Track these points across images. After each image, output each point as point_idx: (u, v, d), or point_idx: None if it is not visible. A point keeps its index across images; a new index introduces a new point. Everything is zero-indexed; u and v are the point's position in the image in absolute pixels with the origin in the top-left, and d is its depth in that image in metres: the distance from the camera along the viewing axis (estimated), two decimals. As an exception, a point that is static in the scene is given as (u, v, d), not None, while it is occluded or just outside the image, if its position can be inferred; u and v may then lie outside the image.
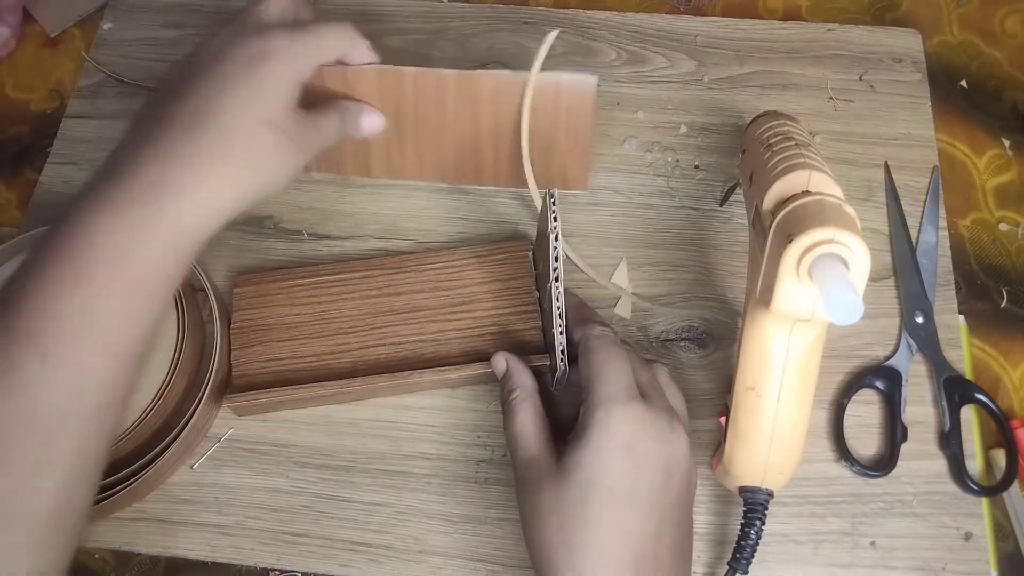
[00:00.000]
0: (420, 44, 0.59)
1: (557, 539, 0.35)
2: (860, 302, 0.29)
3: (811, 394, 0.38)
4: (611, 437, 0.36)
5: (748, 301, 0.38)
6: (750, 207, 0.40)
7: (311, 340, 0.47)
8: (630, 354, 0.41)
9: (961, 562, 0.43)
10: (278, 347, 0.47)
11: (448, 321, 0.48)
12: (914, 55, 0.58)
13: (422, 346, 0.47)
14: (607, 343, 0.40)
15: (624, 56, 0.58)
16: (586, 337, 0.41)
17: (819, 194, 0.35)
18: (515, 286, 0.48)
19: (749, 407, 0.38)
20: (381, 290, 0.49)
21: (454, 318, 0.48)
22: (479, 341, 0.47)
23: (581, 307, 0.45)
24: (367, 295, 0.49)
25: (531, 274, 0.49)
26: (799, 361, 0.37)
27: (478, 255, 0.49)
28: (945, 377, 0.47)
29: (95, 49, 0.60)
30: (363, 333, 0.48)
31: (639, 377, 0.39)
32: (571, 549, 0.34)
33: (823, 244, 0.32)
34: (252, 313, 0.48)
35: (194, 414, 0.44)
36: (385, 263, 0.50)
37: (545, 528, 0.35)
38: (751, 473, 0.39)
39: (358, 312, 0.48)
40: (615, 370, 0.38)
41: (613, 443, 0.36)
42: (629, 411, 0.36)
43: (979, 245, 0.52)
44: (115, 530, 0.45)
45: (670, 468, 0.37)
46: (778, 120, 0.44)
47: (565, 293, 0.41)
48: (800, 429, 0.38)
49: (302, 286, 0.49)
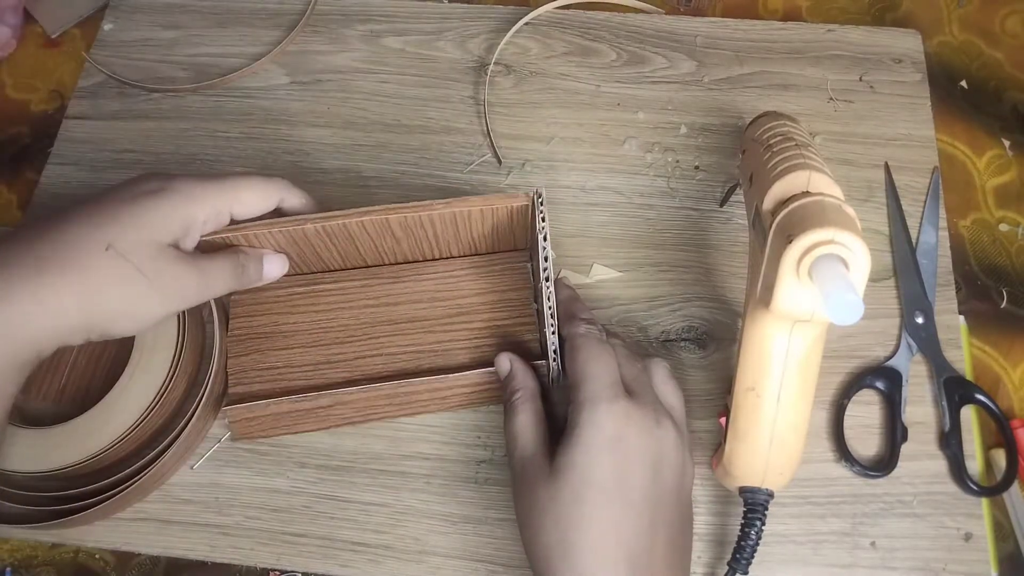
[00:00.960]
0: (420, 44, 0.59)
1: (553, 538, 0.35)
2: (860, 302, 0.29)
3: (811, 394, 0.38)
4: (598, 435, 0.36)
5: (748, 301, 0.38)
6: (750, 208, 0.40)
7: (308, 349, 0.47)
8: (617, 349, 0.41)
9: (961, 562, 0.43)
10: (274, 356, 0.47)
11: (446, 332, 0.47)
12: (914, 55, 0.58)
13: (420, 357, 0.47)
14: (591, 341, 0.40)
15: (624, 56, 0.59)
16: (571, 336, 0.41)
17: (819, 195, 0.35)
18: (513, 297, 0.48)
19: (749, 407, 0.38)
20: (379, 299, 0.49)
21: (452, 329, 0.48)
22: (477, 352, 0.47)
23: (571, 301, 0.45)
24: (365, 304, 0.49)
25: (529, 285, 0.49)
26: (799, 361, 0.37)
27: (476, 265, 0.49)
28: (945, 377, 0.47)
29: (95, 50, 0.60)
30: (360, 343, 0.47)
31: (625, 373, 0.39)
32: (567, 547, 0.34)
33: (823, 244, 0.32)
34: (249, 320, 0.48)
35: (194, 414, 0.44)
36: (383, 272, 0.49)
37: (540, 528, 0.36)
38: (751, 473, 0.39)
39: (355, 322, 0.48)
40: (599, 368, 0.38)
41: (600, 441, 0.36)
42: (614, 408, 0.37)
43: (979, 245, 0.52)
44: (115, 530, 0.45)
45: (658, 463, 0.37)
46: (778, 120, 0.44)
47: (558, 284, 0.41)
48: (800, 429, 0.38)
49: (300, 294, 0.49)
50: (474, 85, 0.58)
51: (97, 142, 0.56)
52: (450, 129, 0.56)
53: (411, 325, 0.48)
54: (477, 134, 0.56)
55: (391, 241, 0.46)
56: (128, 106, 0.58)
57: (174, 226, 0.38)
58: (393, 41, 0.60)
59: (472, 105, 0.57)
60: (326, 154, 0.55)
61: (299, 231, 0.43)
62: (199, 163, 0.55)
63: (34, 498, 0.43)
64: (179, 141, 0.56)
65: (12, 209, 0.56)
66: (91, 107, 0.58)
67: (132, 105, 0.58)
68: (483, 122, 0.56)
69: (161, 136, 0.56)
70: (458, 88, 0.58)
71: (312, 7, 0.61)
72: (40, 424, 0.45)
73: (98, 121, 0.57)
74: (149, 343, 0.46)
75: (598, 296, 0.50)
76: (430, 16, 0.61)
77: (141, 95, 0.58)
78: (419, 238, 0.46)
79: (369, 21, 0.61)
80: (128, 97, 0.58)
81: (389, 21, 0.61)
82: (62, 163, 0.56)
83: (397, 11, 0.61)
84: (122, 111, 0.58)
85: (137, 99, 0.58)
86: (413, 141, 0.56)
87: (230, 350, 0.47)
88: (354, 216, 0.42)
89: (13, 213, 0.55)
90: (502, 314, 0.48)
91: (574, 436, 0.36)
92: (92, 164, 0.56)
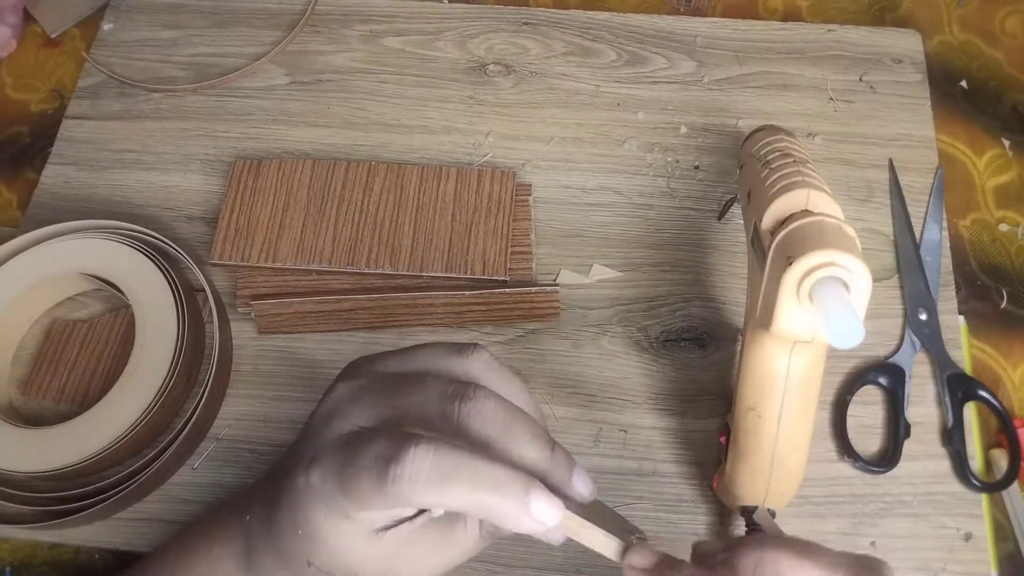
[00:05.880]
0: (420, 44, 0.59)
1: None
2: (861, 326, 0.29)
3: (812, 414, 0.38)
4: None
5: (748, 320, 0.38)
6: (748, 225, 0.40)
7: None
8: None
9: (961, 562, 0.43)
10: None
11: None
12: (914, 56, 0.58)
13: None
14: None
15: (624, 57, 0.59)
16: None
17: (819, 214, 0.34)
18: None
19: (750, 427, 0.38)
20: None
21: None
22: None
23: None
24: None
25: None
26: (800, 382, 0.36)
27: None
28: (948, 374, 0.47)
29: (95, 50, 0.60)
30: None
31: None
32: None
33: (823, 267, 0.31)
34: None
35: (194, 414, 0.44)
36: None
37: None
38: (752, 493, 0.39)
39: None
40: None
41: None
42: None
43: (979, 245, 0.52)
44: (115, 530, 0.45)
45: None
46: (775, 135, 0.43)
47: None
48: (802, 449, 0.38)
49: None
50: (474, 85, 0.58)
51: (97, 142, 0.56)
52: (450, 129, 0.56)
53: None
54: (477, 134, 0.56)
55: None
56: (128, 106, 0.58)
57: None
58: (393, 41, 0.60)
59: (472, 105, 0.57)
60: (326, 154, 0.55)
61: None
62: (199, 163, 0.55)
63: (34, 498, 0.43)
64: (179, 141, 0.56)
65: (12, 209, 0.56)
66: (91, 107, 0.58)
67: (132, 105, 0.58)
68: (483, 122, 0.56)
69: (161, 136, 0.56)
70: (458, 88, 0.58)
71: (312, 7, 0.61)
72: (40, 424, 0.45)
73: (98, 121, 0.57)
74: (149, 343, 0.46)
75: (598, 296, 0.50)
76: (430, 16, 0.61)
77: (141, 95, 0.58)
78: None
79: (369, 21, 0.61)
80: (128, 97, 0.58)
81: (389, 21, 0.61)
82: (62, 163, 0.56)
83: (397, 11, 0.61)
84: (122, 111, 0.58)
85: (137, 99, 0.58)
86: (413, 141, 0.56)
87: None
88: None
89: (13, 213, 0.55)
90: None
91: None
92: (92, 164, 0.56)
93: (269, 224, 0.50)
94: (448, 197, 0.51)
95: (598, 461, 0.46)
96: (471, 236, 0.50)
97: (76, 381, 0.48)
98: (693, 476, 0.45)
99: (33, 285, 0.48)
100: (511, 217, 0.50)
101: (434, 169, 0.52)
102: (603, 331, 0.49)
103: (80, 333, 0.49)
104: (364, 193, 0.51)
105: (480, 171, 0.52)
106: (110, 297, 0.50)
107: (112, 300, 0.51)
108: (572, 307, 0.50)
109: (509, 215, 0.51)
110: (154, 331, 0.46)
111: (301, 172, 0.52)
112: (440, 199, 0.51)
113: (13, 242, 0.49)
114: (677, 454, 0.46)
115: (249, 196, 0.51)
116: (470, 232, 0.50)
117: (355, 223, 0.50)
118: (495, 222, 0.50)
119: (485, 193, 0.51)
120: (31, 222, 0.53)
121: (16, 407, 0.48)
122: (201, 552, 0.35)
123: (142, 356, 0.45)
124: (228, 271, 0.51)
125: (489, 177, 0.52)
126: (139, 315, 0.46)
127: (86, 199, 0.54)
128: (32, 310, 0.50)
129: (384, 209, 0.51)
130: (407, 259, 0.49)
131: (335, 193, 0.51)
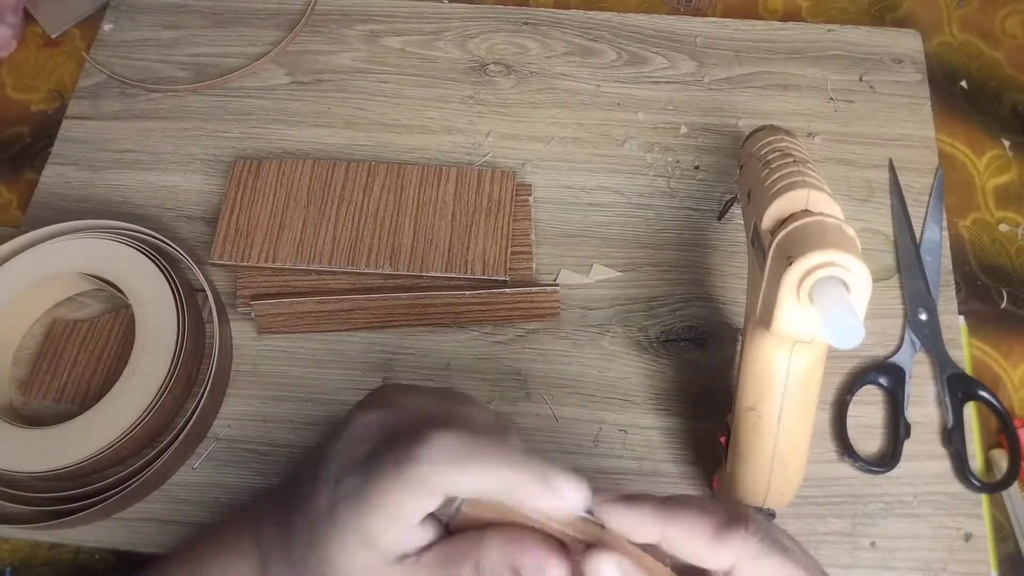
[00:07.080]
0: (420, 44, 0.59)
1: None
2: (861, 326, 0.29)
3: (812, 414, 0.38)
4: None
5: (748, 320, 0.38)
6: (748, 225, 0.40)
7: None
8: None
9: (961, 563, 0.43)
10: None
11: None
12: (914, 56, 0.58)
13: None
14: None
15: (624, 57, 0.59)
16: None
17: (819, 214, 0.34)
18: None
19: (750, 428, 0.38)
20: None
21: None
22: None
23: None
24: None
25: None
26: (800, 382, 0.36)
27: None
28: (949, 374, 0.47)
29: (95, 50, 0.60)
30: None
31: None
32: None
33: (823, 267, 0.31)
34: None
35: (194, 414, 0.44)
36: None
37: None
38: (753, 493, 0.39)
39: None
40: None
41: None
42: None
43: (979, 246, 0.52)
44: (115, 530, 0.45)
45: None
46: (776, 135, 0.43)
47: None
48: (801, 449, 0.38)
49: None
50: (474, 85, 0.58)
51: (97, 142, 0.56)
52: (450, 129, 0.56)
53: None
54: (477, 134, 0.56)
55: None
56: (128, 106, 0.58)
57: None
58: (393, 41, 0.60)
59: (472, 105, 0.57)
60: (326, 154, 0.55)
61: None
62: (199, 163, 0.55)
63: (34, 498, 0.43)
64: (179, 141, 0.56)
65: (12, 209, 0.56)
66: (91, 107, 0.58)
67: (132, 105, 0.58)
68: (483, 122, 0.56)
69: (161, 136, 0.56)
70: (458, 88, 0.58)
71: (312, 7, 0.61)
72: (40, 424, 0.45)
73: (98, 121, 0.57)
74: (149, 343, 0.46)
75: (598, 296, 0.50)
76: (430, 16, 0.61)
77: (141, 95, 0.58)
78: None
79: (369, 21, 0.61)
80: (128, 97, 0.58)
81: (389, 21, 0.61)
82: (62, 163, 0.56)
83: (397, 11, 0.61)
84: (122, 111, 0.58)
85: (137, 99, 0.58)
86: (413, 141, 0.56)
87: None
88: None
89: (13, 213, 0.55)
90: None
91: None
92: (92, 164, 0.56)
93: (269, 224, 0.50)
94: (448, 197, 0.51)
95: (598, 461, 0.46)
96: (471, 236, 0.50)
97: (76, 381, 0.48)
98: (693, 476, 0.45)
99: (33, 285, 0.48)
100: (511, 217, 0.50)
101: (434, 169, 0.52)
102: (603, 331, 0.49)
103: (80, 333, 0.49)
104: (364, 193, 0.51)
105: (480, 171, 0.52)
106: (110, 297, 0.50)
107: (112, 300, 0.51)
108: (572, 307, 0.50)
109: (509, 215, 0.51)
110: (154, 331, 0.46)
111: (301, 172, 0.52)
112: (440, 199, 0.51)
113: (13, 242, 0.49)
114: (677, 454, 0.46)
115: (249, 196, 0.51)
116: (470, 232, 0.50)
117: (355, 223, 0.50)
118: (495, 222, 0.50)
119: (485, 193, 0.51)
120: (31, 222, 0.53)
121: (16, 407, 0.48)
122: (215, 561, 0.35)
123: (142, 356, 0.45)
124: (228, 271, 0.51)
125: (489, 177, 0.52)
126: (139, 315, 0.46)
127: (86, 199, 0.54)
128: (32, 310, 0.50)
129: (384, 209, 0.51)
130: (407, 259, 0.49)
131: (335, 193, 0.51)
